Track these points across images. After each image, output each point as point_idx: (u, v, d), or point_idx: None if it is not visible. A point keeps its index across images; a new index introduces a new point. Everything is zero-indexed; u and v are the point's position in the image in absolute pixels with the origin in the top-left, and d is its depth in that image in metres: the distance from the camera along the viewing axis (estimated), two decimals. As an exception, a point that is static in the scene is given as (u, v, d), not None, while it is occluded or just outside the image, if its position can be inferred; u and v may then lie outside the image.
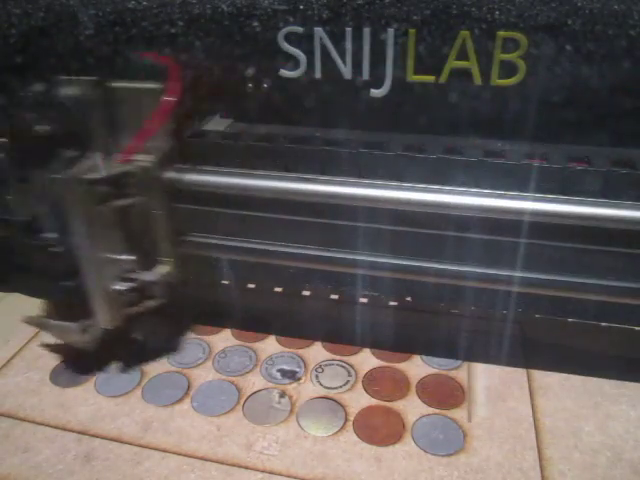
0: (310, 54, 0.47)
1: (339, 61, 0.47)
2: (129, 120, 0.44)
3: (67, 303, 0.47)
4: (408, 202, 0.43)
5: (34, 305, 0.62)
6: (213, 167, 0.46)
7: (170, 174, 0.45)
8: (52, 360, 0.54)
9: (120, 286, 0.46)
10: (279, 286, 0.63)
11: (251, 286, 0.64)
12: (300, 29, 0.46)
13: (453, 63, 0.46)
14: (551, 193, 0.41)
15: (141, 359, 0.52)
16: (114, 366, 0.52)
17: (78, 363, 0.52)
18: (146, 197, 0.44)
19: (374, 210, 0.44)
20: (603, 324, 0.55)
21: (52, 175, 0.42)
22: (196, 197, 0.47)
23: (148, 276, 0.47)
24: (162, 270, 0.47)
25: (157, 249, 0.47)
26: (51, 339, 0.52)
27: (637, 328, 0.54)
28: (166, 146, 0.44)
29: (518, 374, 0.51)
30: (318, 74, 0.47)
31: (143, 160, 0.44)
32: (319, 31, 0.46)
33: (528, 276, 0.44)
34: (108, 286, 0.46)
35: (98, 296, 0.46)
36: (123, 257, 0.46)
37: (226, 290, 0.60)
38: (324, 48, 0.47)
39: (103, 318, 0.47)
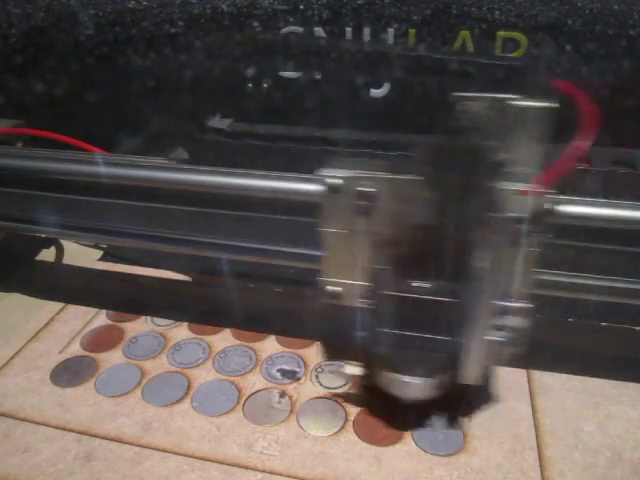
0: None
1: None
2: (530, 144, 0.37)
3: (423, 356, 0.42)
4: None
5: (34, 305, 0.62)
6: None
7: (567, 208, 0.40)
8: (52, 361, 0.54)
9: (495, 336, 0.41)
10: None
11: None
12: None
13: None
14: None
15: (465, 414, 0.48)
16: (438, 422, 0.47)
17: (392, 415, 0.47)
18: (548, 235, 0.39)
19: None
20: (603, 324, 0.55)
21: (483, 212, 0.37)
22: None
23: (519, 323, 0.41)
24: (526, 315, 0.41)
25: (521, 292, 0.41)
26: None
27: (637, 328, 0.55)
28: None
29: (518, 374, 0.51)
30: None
31: (548, 194, 0.38)
32: (319, 31, 0.46)
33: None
34: (485, 337, 0.41)
35: (474, 348, 0.41)
36: (510, 304, 0.40)
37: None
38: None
39: (470, 373, 0.42)
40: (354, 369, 0.46)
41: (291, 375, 0.52)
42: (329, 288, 0.44)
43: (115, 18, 0.50)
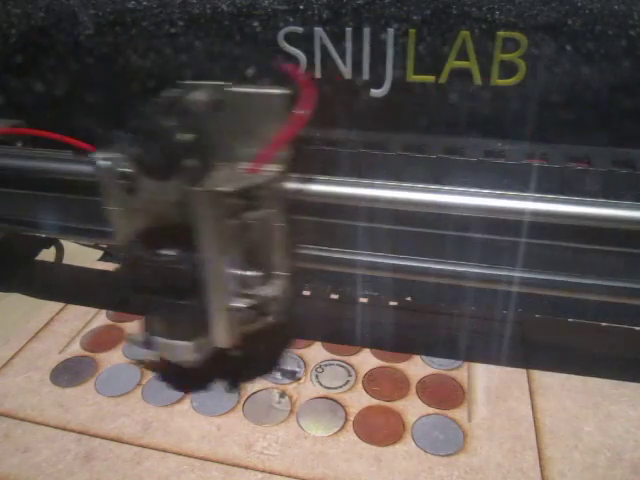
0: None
1: (339, 61, 0.47)
2: (254, 128, 0.42)
3: (178, 321, 0.45)
4: (410, 202, 0.43)
5: (34, 305, 0.62)
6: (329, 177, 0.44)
7: (293, 185, 0.43)
8: (52, 361, 0.54)
9: (240, 303, 0.44)
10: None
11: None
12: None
13: (453, 63, 0.46)
14: (551, 193, 0.41)
15: (244, 377, 0.51)
16: (215, 384, 0.50)
17: (174, 380, 0.51)
18: (273, 210, 0.43)
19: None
20: (603, 324, 0.55)
21: (187, 187, 0.40)
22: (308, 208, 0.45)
23: (268, 292, 0.45)
24: (280, 285, 0.46)
25: (274, 263, 0.46)
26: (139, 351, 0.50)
27: (637, 328, 0.55)
28: (290, 156, 0.43)
29: (518, 374, 0.51)
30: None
31: (271, 171, 0.42)
32: (319, 31, 0.46)
33: (528, 276, 0.44)
34: (228, 303, 0.44)
35: (218, 314, 0.44)
36: (246, 273, 0.44)
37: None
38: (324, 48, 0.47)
39: (220, 337, 0.45)
40: (139, 336, 0.48)
41: (291, 375, 0.52)
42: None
43: (115, 18, 0.50)
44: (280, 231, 0.44)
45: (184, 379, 0.50)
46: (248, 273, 0.44)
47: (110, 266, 0.70)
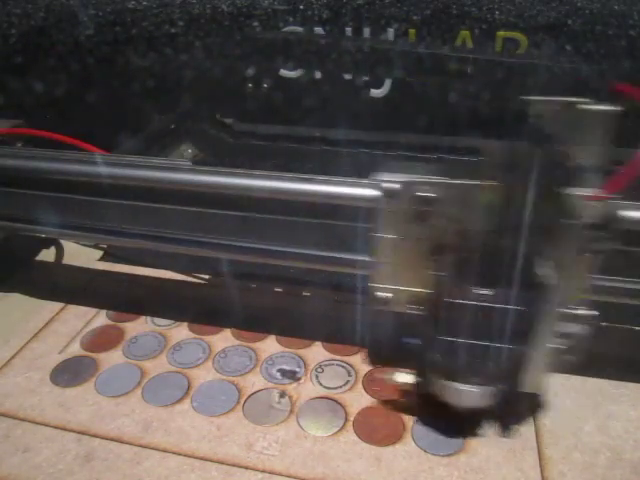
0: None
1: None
2: (597, 148, 0.36)
3: (482, 365, 0.41)
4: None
5: (34, 305, 0.62)
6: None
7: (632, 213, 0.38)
8: (52, 361, 0.54)
9: (557, 344, 0.40)
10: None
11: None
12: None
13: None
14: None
15: (516, 419, 0.47)
16: (490, 427, 0.46)
17: (445, 424, 0.46)
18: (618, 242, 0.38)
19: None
20: (603, 324, 0.55)
21: (555, 218, 0.36)
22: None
23: (579, 330, 0.40)
24: (588, 322, 0.41)
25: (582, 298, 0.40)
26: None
27: (637, 328, 0.55)
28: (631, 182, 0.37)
29: (518, 374, 0.51)
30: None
31: (614, 199, 0.37)
32: (319, 31, 0.46)
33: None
34: (548, 345, 0.40)
35: (538, 356, 0.40)
36: (577, 311, 0.40)
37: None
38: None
39: (531, 381, 0.41)
40: (406, 377, 0.45)
41: (291, 375, 0.52)
42: (380, 294, 0.43)
43: (115, 18, 0.50)
44: (598, 263, 0.39)
45: (455, 423, 0.46)
46: (575, 312, 0.40)
47: (110, 266, 0.70)
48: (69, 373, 0.53)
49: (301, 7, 0.46)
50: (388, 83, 0.47)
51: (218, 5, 0.47)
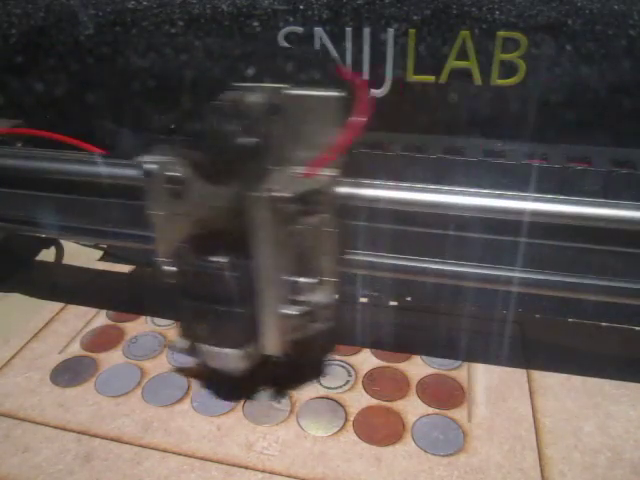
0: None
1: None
2: (308, 131, 0.41)
3: (226, 329, 0.44)
4: (410, 202, 0.43)
5: (34, 305, 0.62)
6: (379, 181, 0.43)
7: (346, 189, 0.42)
8: (52, 361, 0.54)
9: (292, 310, 0.43)
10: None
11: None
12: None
13: (453, 63, 0.46)
14: (551, 193, 0.41)
15: (291, 385, 0.50)
16: (263, 393, 0.49)
17: (223, 389, 0.50)
18: (328, 215, 0.42)
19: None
20: (603, 324, 0.55)
21: (245, 192, 0.39)
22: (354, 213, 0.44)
23: (319, 298, 0.44)
24: (330, 292, 0.45)
25: (324, 269, 0.44)
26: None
27: (637, 328, 0.55)
28: (344, 160, 0.41)
29: (518, 374, 0.51)
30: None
31: (327, 175, 0.41)
32: (319, 31, 0.46)
33: (528, 276, 0.44)
34: (280, 310, 0.43)
35: (269, 321, 0.43)
36: (299, 279, 0.43)
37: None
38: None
39: (270, 344, 0.44)
40: (183, 343, 0.47)
41: (291, 375, 0.52)
42: (165, 268, 0.46)
43: (115, 18, 0.50)
44: (332, 236, 0.43)
45: (232, 388, 0.49)
46: (301, 280, 0.43)
47: (110, 266, 0.70)
48: (69, 373, 0.53)
49: (301, 7, 0.46)
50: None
51: (218, 5, 0.47)
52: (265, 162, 0.41)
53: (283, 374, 0.50)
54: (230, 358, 0.45)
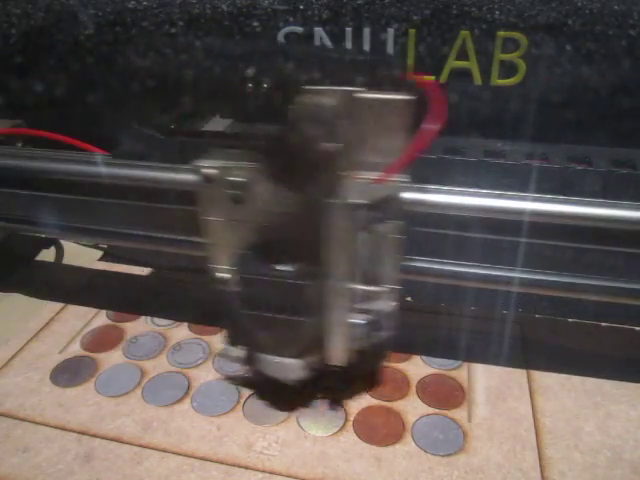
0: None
1: (339, 61, 0.47)
2: (377, 135, 0.39)
3: (288, 338, 0.43)
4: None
5: (34, 305, 0.62)
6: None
7: (413, 195, 0.41)
8: (52, 361, 0.54)
9: (357, 319, 0.42)
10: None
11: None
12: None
13: (453, 63, 0.46)
14: (551, 193, 0.41)
15: (347, 395, 0.49)
16: (319, 403, 0.48)
17: (276, 398, 0.48)
18: (400, 221, 0.40)
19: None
20: (603, 324, 0.55)
21: (321, 198, 0.38)
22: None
23: (383, 307, 0.43)
24: (393, 300, 0.43)
25: (386, 277, 0.43)
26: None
27: (637, 328, 0.55)
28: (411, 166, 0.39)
29: (518, 374, 0.51)
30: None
31: (397, 181, 0.39)
32: (319, 31, 0.46)
33: (528, 277, 0.44)
34: (347, 319, 0.42)
35: (336, 330, 0.43)
36: (367, 288, 0.42)
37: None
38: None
39: (335, 354, 0.44)
40: (236, 351, 0.46)
41: (291, 375, 0.52)
42: (218, 275, 0.45)
43: (115, 18, 0.50)
44: (397, 243, 0.41)
45: (285, 397, 0.48)
46: (367, 287, 0.42)
47: (110, 266, 0.70)
48: (69, 373, 0.53)
49: (301, 7, 0.46)
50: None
51: (218, 5, 0.47)
52: (341, 168, 0.39)
53: (336, 383, 0.49)
54: (291, 368, 0.44)
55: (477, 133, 0.49)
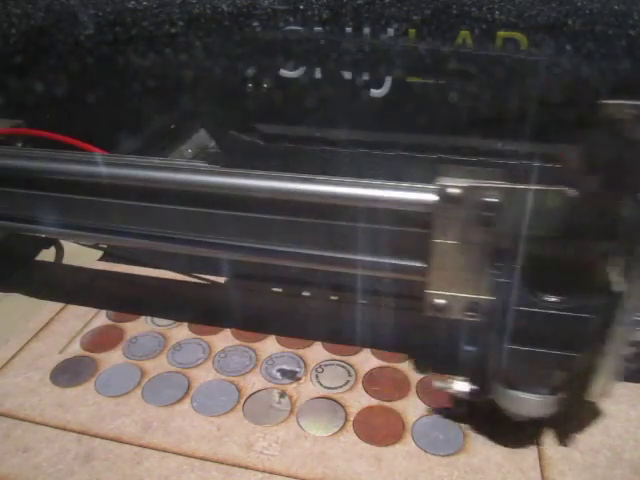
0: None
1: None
2: None
3: (550, 373, 0.40)
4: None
5: (34, 305, 0.62)
6: None
7: None
8: (52, 361, 0.54)
9: (629, 350, 0.38)
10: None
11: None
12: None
13: (453, 63, 0.46)
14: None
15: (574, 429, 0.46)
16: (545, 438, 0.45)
17: (506, 436, 0.45)
18: None
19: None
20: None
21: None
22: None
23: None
24: None
25: None
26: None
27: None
28: None
29: (518, 374, 0.51)
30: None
31: None
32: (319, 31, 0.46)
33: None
34: (620, 352, 0.38)
35: (608, 364, 0.38)
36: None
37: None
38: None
39: (599, 389, 0.39)
40: (463, 385, 0.44)
41: (291, 375, 0.52)
42: (435, 300, 0.42)
43: (115, 18, 0.50)
44: None
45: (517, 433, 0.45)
46: None
47: (110, 266, 0.70)
48: (69, 373, 0.53)
49: (301, 7, 0.46)
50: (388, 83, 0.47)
51: (218, 5, 0.47)
52: None
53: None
54: (541, 404, 0.41)
55: (477, 133, 0.49)
